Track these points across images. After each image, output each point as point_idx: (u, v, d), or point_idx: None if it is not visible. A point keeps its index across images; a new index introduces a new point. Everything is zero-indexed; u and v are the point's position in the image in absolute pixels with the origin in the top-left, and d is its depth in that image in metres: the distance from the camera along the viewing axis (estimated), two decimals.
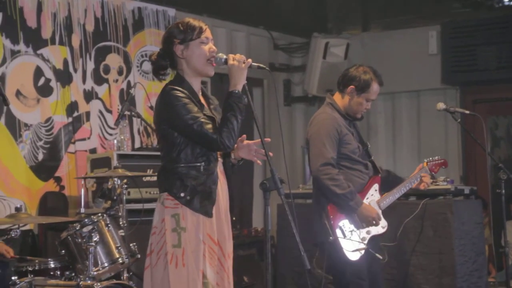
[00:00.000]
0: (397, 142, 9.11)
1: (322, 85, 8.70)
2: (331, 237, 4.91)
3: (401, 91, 8.97)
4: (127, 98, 6.25)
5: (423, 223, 6.01)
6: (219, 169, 3.87)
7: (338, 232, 4.93)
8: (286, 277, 6.53)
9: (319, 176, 4.96)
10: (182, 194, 3.74)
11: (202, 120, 3.71)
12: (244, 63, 3.75)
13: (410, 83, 8.84)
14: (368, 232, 5.04)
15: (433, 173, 5.49)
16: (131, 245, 5.27)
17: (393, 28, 9.09)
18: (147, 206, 5.83)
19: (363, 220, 5.00)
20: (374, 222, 5.02)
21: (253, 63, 3.78)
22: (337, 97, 5.21)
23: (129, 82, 7.26)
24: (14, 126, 6.33)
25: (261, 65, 3.82)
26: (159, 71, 3.95)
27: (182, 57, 3.84)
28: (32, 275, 4.89)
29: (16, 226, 4.81)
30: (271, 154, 3.68)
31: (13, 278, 4.60)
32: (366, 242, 5.01)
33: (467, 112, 5.74)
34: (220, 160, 3.89)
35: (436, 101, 6.15)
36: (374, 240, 5.10)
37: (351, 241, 4.95)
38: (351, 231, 4.98)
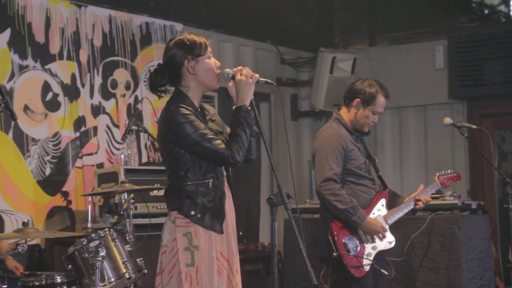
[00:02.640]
0: (404, 157, 9.09)
1: (329, 100, 8.70)
2: (334, 253, 4.90)
3: (408, 106, 8.96)
4: (134, 113, 6.26)
5: (430, 238, 5.99)
6: (225, 184, 3.84)
7: (343, 248, 4.92)
8: None
9: (322, 192, 4.97)
10: (192, 212, 3.71)
11: (211, 136, 3.69)
12: (251, 78, 3.75)
13: (417, 97, 8.84)
14: (374, 248, 5.02)
15: (443, 186, 5.49)
16: (138, 260, 5.26)
17: (399, 43, 9.10)
18: (154, 220, 5.84)
19: (368, 234, 4.98)
20: (379, 235, 5.00)
21: (260, 78, 3.78)
22: (343, 111, 5.21)
23: (136, 97, 7.28)
24: (22, 141, 6.35)
25: (268, 80, 3.82)
26: (158, 87, 3.89)
27: (192, 73, 3.80)
28: None
29: (23, 241, 4.81)
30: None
31: None
32: (371, 258, 4.99)
33: (474, 126, 5.73)
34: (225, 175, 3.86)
35: (443, 115, 6.15)
36: (381, 256, 5.09)
37: (356, 257, 4.94)
38: (355, 247, 4.97)
